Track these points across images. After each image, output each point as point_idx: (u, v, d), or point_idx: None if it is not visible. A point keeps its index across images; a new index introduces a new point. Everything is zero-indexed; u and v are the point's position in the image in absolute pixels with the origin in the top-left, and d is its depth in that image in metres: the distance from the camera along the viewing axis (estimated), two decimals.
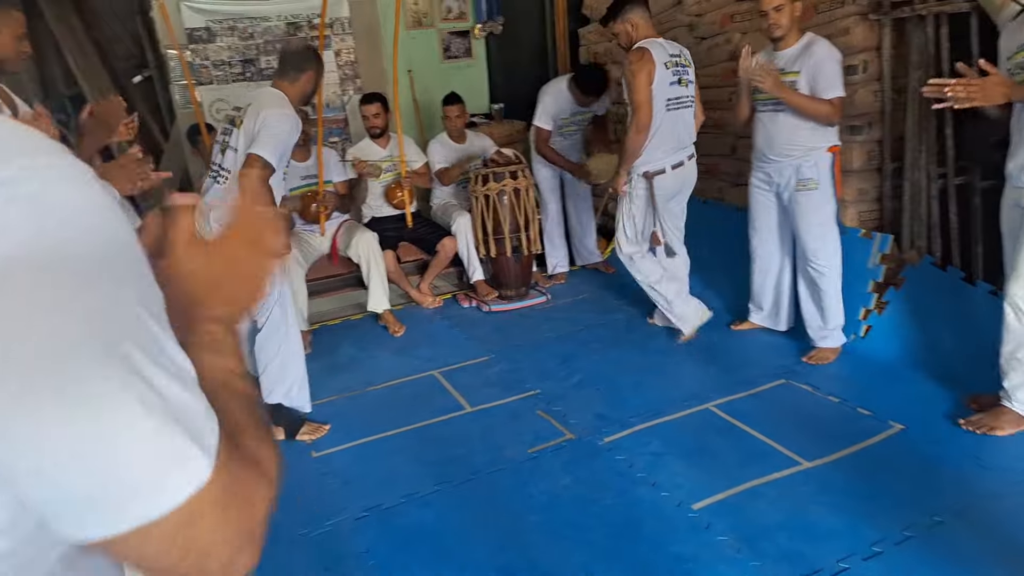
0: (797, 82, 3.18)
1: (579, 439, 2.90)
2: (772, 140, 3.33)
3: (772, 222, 3.53)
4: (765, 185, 3.48)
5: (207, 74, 5.15)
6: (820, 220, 3.29)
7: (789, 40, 3.22)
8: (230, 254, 0.71)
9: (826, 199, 3.28)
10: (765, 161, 3.41)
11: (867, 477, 2.48)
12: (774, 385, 3.22)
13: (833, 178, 3.27)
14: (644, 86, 3.40)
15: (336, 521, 2.51)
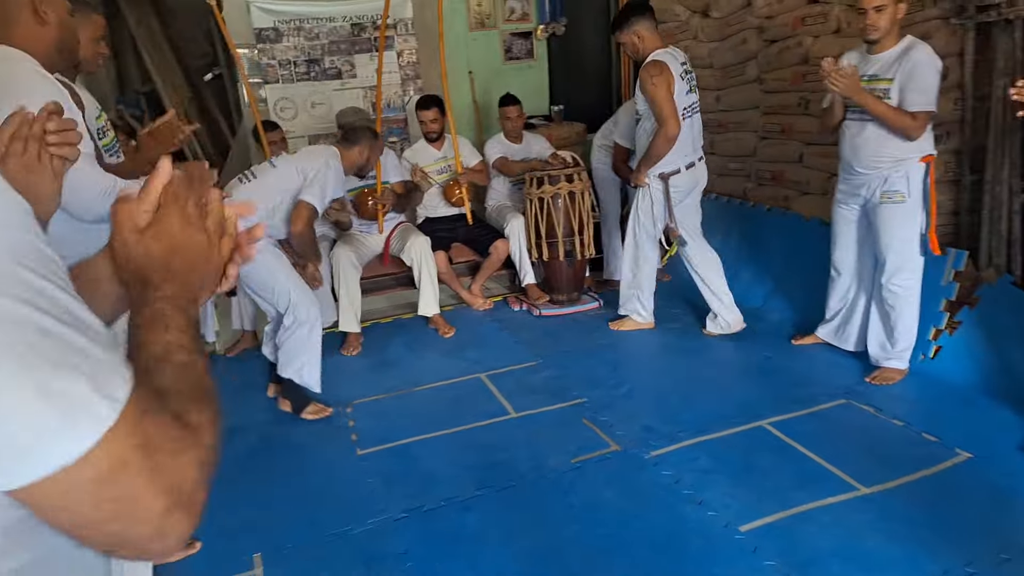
0: (889, 90, 2.94)
1: (625, 451, 2.82)
2: (858, 151, 3.10)
3: (856, 237, 3.32)
4: (850, 199, 3.26)
5: (273, 73, 5.24)
6: (904, 236, 3.06)
7: (886, 43, 2.96)
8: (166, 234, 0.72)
9: (913, 214, 3.04)
10: (851, 174, 3.19)
11: (929, 507, 2.34)
12: (834, 405, 3.07)
13: (925, 191, 3.02)
14: (669, 99, 3.50)
15: (377, 520, 2.50)
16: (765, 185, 4.58)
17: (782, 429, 2.89)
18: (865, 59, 3.06)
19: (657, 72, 3.47)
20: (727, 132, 4.90)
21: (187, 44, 7.30)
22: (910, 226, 3.06)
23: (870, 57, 3.03)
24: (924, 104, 2.88)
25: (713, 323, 3.88)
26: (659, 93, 3.48)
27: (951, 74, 3.25)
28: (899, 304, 3.15)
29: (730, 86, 4.81)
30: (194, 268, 0.73)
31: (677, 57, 3.61)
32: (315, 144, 5.17)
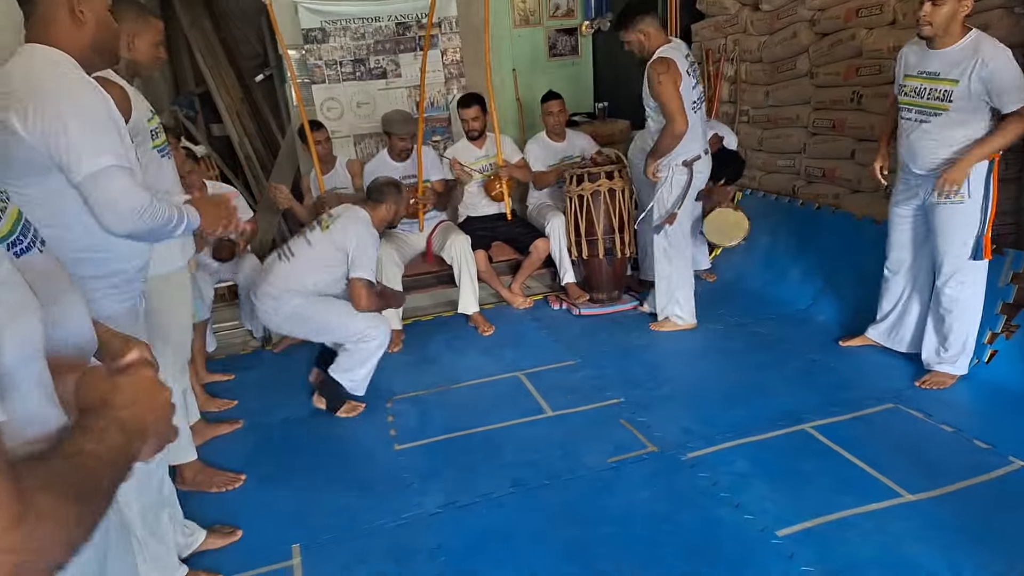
0: (952, 92, 2.78)
1: (661, 452, 2.78)
2: (916, 153, 2.96)
3: (910, 238, 3.21)
4: (908, 199, 3.14)
5: (320, 73, 5.31)
6: (962, 238, 2.92)
7: (948, 39, 2.76)
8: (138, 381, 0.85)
9: (974, 215, 2.88)
10: (909, 174, 3.07)
11: (977, 516, 2.24)
12: (881, 409, 2.98)
13: (988, 191, 2.86)
14: (676, 96, 3.51)
15: (411, 515, 2.52)
16: (815, 182, 4.47)
17: (825, 433, 2.81)
18: (924, 53, 2.88)
19: (664, 69, 3.48)
20: (776, 128, 4.79)
21: (239, 46, 7.45)
22: (969, 228, 2.91)
23: (930, 52, 2.85)
24: (1021, 100, 2.68)
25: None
26: (666, 90, 3.50)
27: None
28: (956, 308, 3.02)
29: (779, 81, 4.70)
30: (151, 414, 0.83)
31: (681, 50, 3.62)
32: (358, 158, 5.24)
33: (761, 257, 4.60)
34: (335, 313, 3.23)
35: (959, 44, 2.76)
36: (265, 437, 3.21)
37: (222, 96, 7.28)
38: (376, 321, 3.26)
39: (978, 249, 2.92)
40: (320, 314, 3.23)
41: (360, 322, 3.22)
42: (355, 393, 3.33)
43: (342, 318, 3.23)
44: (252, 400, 3.55)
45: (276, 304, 3.23)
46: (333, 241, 3.24)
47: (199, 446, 2.85)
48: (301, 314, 3.22)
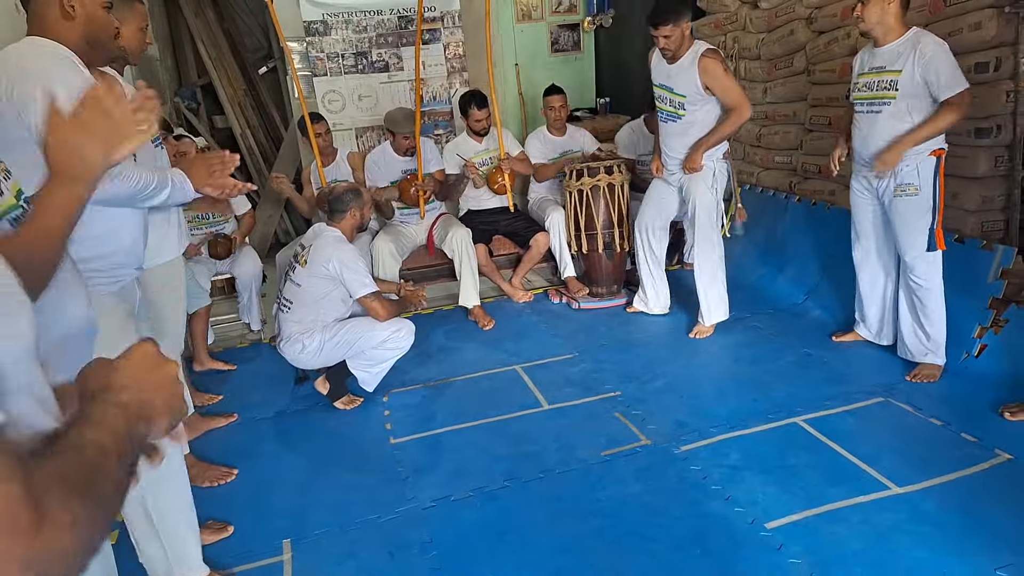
0: (897, 80, 2.96)
1: (655, 445, 2.83)
2: (869, 143, 3.12)
3: (875, 229, 3.32)
4: (866, 190, 3.28)
5: (322, 66, 5.34)
6: (920, 229, 3.05)
7: (890, 36, 2.99)
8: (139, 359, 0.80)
9: (926, 207, 3.03)
10: (864, 164, 3.20)
11: (964, 508, 2.29)
12: (872, 403, 3.02)
13: (936, 185, 3.01)
14: (735, 81, 3.54)
15: (405, 509, 2.56)
16: (811, 179, 4.50)
17: (817, 426, 2.86)
18: (872, 53, 3.10)
19: (723, 59, 3.56)
20: (774, 124, 4.82)
21: (243, 38, 7.47)
22: (925, 219, 3.04)
23: (876, 51, 3.07)
24: (955, 87, 2.86)
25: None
26: (731, 80, 3.57)
27: (1003, 65, 3.15)
28: (925, 298, 3.12)
29: (777, 78, 4.73)
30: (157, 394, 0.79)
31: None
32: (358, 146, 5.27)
33: (758, 252, 4.64)
34: (359, 331, 3.24)
35: (900, 39, 2.98)
36: (259, 431, 3.26)
37: (225, 88, 7.31)
38: (399, 324, 3.29)
39: (931, 241, 3.04)
40: (346, 337, 3.23)
41: (384, 330, 3.25)
42: (365, 387, 3.37)
43: (367, 332, 3.23)
44: (247, 394, 3.60)
45: (302, 347, 3.24)
46: (315, 273, 3.22)
47: (192, 440, 2.90)
48: (329, 345, 3.23)
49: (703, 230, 3.74)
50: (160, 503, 2.03)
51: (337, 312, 3.31)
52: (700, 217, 3.73)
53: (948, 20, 3.30)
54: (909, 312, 3.24)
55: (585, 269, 4.55)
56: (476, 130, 4.61)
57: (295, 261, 3.34)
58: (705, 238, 3.75)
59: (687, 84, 3.57)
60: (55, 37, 1.81)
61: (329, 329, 3.24)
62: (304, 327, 3.24)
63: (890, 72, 2.99)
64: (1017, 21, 3.11)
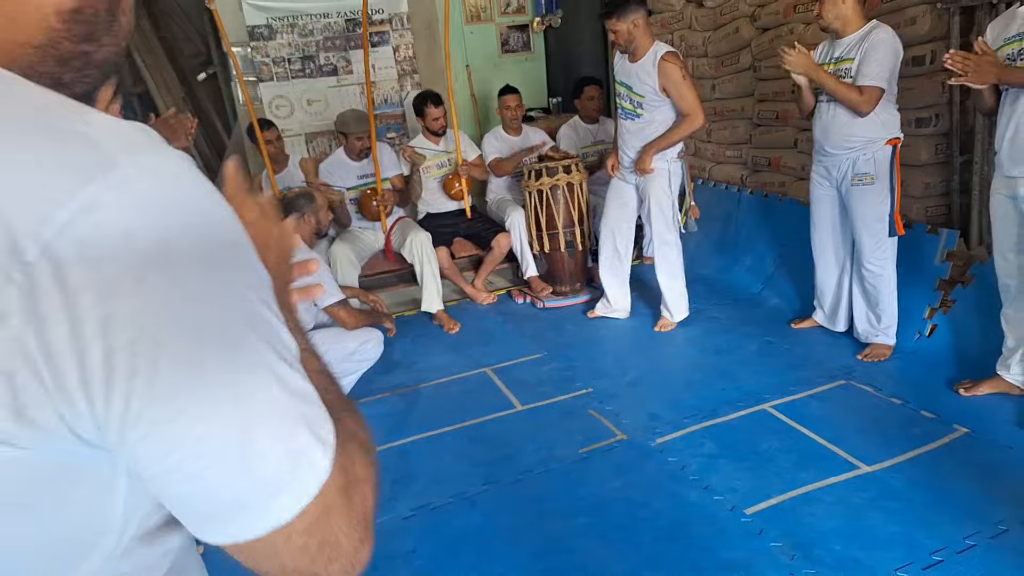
0: (851, 68, 3.07)
1: (631, 440, 2.88)
2: (828, 132, 3.22)
3: (832, 218, 3.44)
4: (824, 180, 3.38)
5: (268, 71, 5.26)
6: (876, 216, 3.18)
7: (849, 28, 3.10)
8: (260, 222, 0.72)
9: (883, 195, 3.15)
10: (823, 154, 3.31)
11: (929, 483, 2.40)
12: (834, 386, 3.14)
13: (892, 174, 3.13)
14: (695, 89, 3.59)
15: (384, 520, 2.53)
16: (762, 171, 4.63)
17: (785, 411, 2.96)
18: (833, 44, 3.21)
19: (681, 62, 3.58)
20: (723, 120, 4.95)
21: (180, 44, 7.29)
22: (881, 208, 3.16)
23: (836, 41, 3.18)
24: (873, 79, 2.99)
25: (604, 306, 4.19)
26: (688, 85, 3.59)
27: (938, 58, 3.29)
28: (878, 283, 3.25)
29: (725, 75, 4.85)
30: (281, 263, 0.73)
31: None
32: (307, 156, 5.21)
33: (714, 245, 4.75)
34: (326, 343, 3.15)
35: (859, 31, 3.09)
36: None
37: (162, 96, 7.12)
38: (367, 335, 3.27)
39: (891, 226, 3.17)
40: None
41: (352, 341, 3.22)
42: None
43: (334, 344, 3.19)
44: None
45: None
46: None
47: None
48: None
49: (659, 229, 3.81)
50: None
51: (306, 324, 3.26)
52: (656, 217, 3.79)
53: (885, 16, 3.44)
54: (862, 297, 3.38)
55: (548, 268, 4.59)
56: (434, 129, 4.60)
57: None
58: (662, 238, 3.82)
59: (645, 85, 3.63)
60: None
61: None
62: None
63: (846, 61, 3.10)
64: (948, 16, 3.27)
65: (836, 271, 3.54)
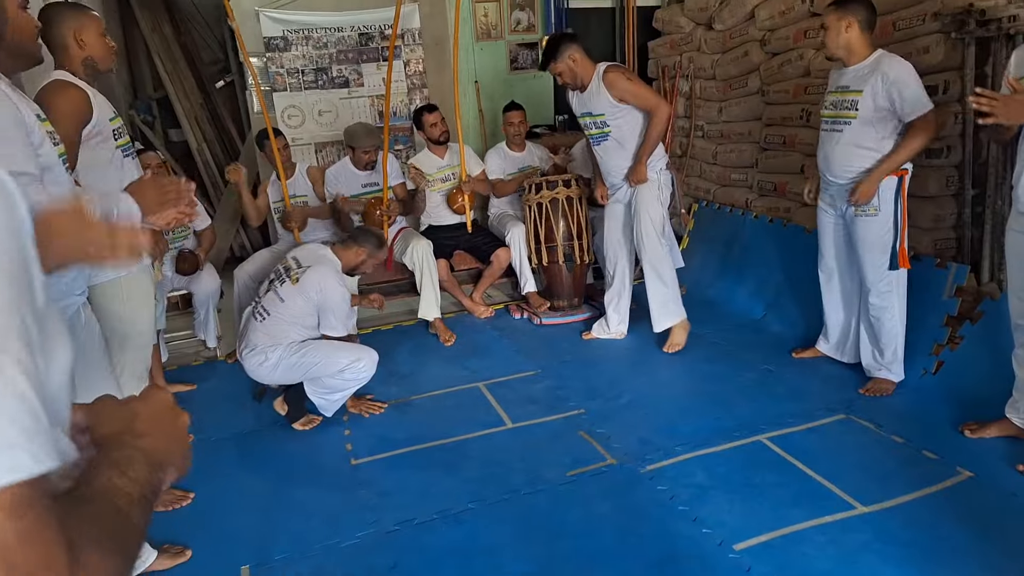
0: (858, 101, 3.00)
1: (620, 465, 2.80)
2: (830, 160, 3.16)
3: (839, 247, 3.35)
4: (830, 208, 3.31)
5: (282, 81, 5.27)
6: (879, 248, 3.09)
7: (855, 58, 3.03)
8: (155, 406, 0.78)
9: (887, 227, 3.07)
10: (827, 183, 3.25)
11: (928, 527, 2.31)
12: (833, 420, 3.05)
13: (898, 205, 3.04)
14: (646, 85, 3.71)
15: (367, 533, 2.48)
16: (767, 196, 4.57)
17: (780, 444, 2.87)
18: (840, 72, 3.14)
19: (627, 73, 3.68)
20: (729, 143, 4.90)
21: (200, 51, 7.35)
22: (885, 239, 3.08)
23: (844, 70, 3.10)
24: (921, 109, 2.91)
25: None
26: (637, 84, 3.65)
27: (951, 88, 3.24)
28: (882, 316, 3.16)
29: (732, 98, 4.80)
30: (171, 443, 0.77)
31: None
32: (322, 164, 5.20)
33: (716, 269, 4.68)
34: (318, 356, 3.15)
35: (865, 61, 3.01)
36: (216, 452, 3.13)
37: (181, 101, 7.16)
38: (359, 354, 3.19)
39: (894, 260, 3.08)
40: (304, 360, 3.14)
41: (344, 358, 3.15)
42: (323, 412, 3.27)
43: (326, 359, 3.14)
44: (203, 413, 3.46)
45: (264, 359, 3.16)
46: (305, 295, 3.17)
47: None
48: (286, 363, 3.15)
49: (651, 239, 3.77)
50: None
51: (305, 335, 3.23)
52: (647, 227, 3.76)
53: (897, 44, 3.39)
54: (866, 330, 3.29)
55: (546, 282, 4.53)
56: (434, 137, 4.58)
57: (286, 275, 3.26)
58: (653, 247, 3.78)
59: (601, 102, 3.67)
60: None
61: (291, 348, 3.17)
62: (272, 340, 3.17)
63: (852, 92, 3.03)
64: (963, 46, 3.21)
65: (843, 301, 3.45)
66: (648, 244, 3.78)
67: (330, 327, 3.23)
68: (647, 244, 3.79)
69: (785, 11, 4.20)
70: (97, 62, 2.41)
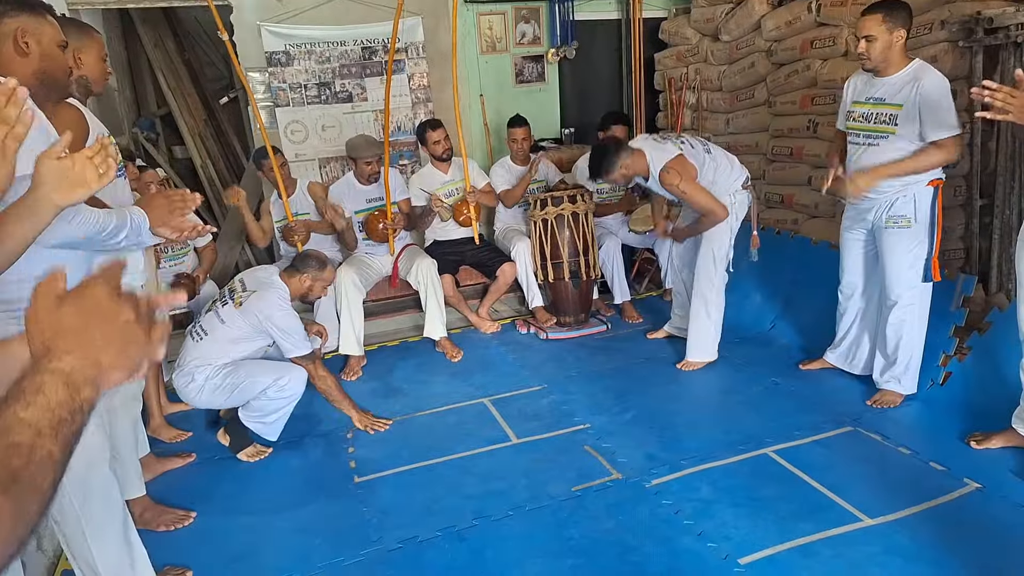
0: (898, 115, 2.90)
1: (626, 480, 2.78)
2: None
3: (864, 263, 3.27)
4: (856, 223, 3.22)
5: (284, 96, 5.29)
6: (909, 262, 3.02)
7: (891, 69, 2.92)
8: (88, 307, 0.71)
9: (920, 239, 2.99)
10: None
11: (935, 539, 2.28)
12: (840, 432, 3.02)
13: (934, 216, 2.96)
14: (702, 190, 3.51)
15: (370, 551, 2.46)
16: (775, 208, 4.55)
17: (786, 457, 2.84)
18: (871, 81, 3.01)
19: (676, 179, 3.46)
20: (737, 155, 4.85)
21: (203, 67, 7.40)
22: (914, 251, 3.01)
23: (876, 80, 2.98)
24: (948, 131, 2.81)
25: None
26: (691, 191, 3.49)
27: (959, 97, 3.21)
28: (903, 329, 3.11)
29: (739, 109, 4.80)
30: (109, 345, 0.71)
31: (657, 140, 3.67)
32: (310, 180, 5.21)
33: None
34: (240, 377, 3.10)
35: (902, 72, 2.90)
36: (218, 472, 3.12)
37: (185, 118, 7.21)
38: (282, 372, 3.11)
39: (927, 271, 3.02)
40: (226, 381, 3.09)
41: (266, 377, 3.08)
42: (266, 438, 3.20)
43: (248, 380, 3.09)
44: (205, 433, 3.46)
45: (191, 379, 3.11)
46: (247, 318, 3.12)
47: (148, 481, 2.77)
48: (210, 386, 3.10)
49: (707, 271, 3.68)
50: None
51: (236, 357, 3.18)
52: (706, 259, 3.66)
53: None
54: (880, 342, 3.23)
55: (552, 298, 4.52)
56: (437, 154, 4.58)
57: (229, 297, 3.22)
58: (708, 279, 3.68)
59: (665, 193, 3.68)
60: (7, 75, 1.76)
61: (217, 369, 3.11)
62: (201, 361, 3.12)
63: (890, 106, 2.92)
64: (970, 55, 3.20)
65: (862, 317, 3.39)
66: (703, 275, 3.69)
67: (292, 350, 3.17)
68: (702, 275, 3.70)
69: (791, 21, 4.19)
70: (91, 83, 2.43)
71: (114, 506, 2.01)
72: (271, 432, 3.20)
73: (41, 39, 1.82)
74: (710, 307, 3.72)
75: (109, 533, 1.98)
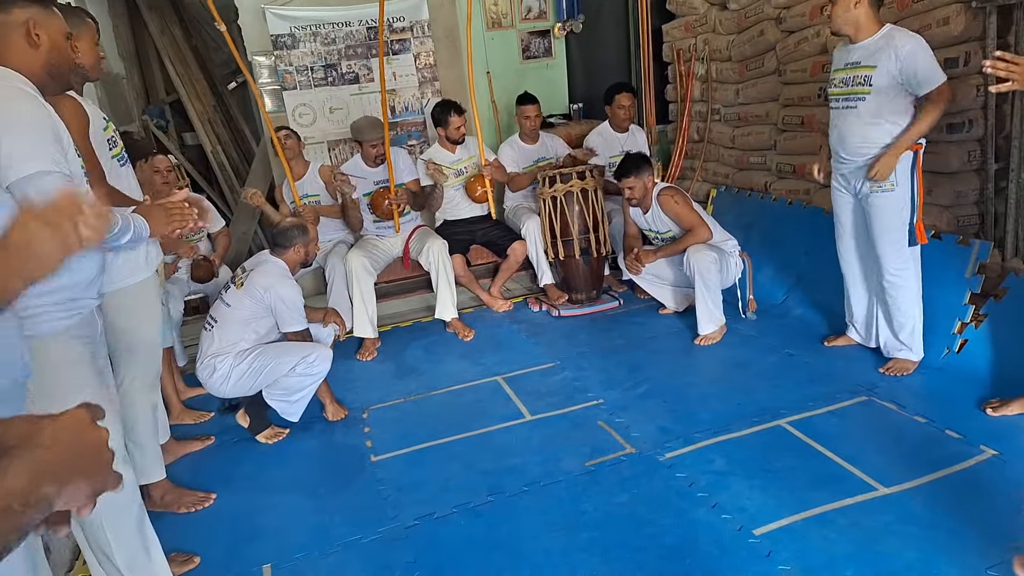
0: (872, 76, 2.94)
1: (639, 453, 2.79)
2: (844, 138, 3.10)
3: (855, 227, 3.30)
4: (844, 188, 3.26)
5: (291, 79, 5.27)
6: (895, 225, 3.04)
7: (864, 33, 2.97)
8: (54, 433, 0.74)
9: (903, 203, 3.01)
10: (840, 161, 3.19)
11: (951, 507, 2.27)
12: (855, 402, 3.01)
13: (913, 180, 2.99)
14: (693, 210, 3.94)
15: (387, 528, 2.50)
16: (786, 178, 4.51)
17: (801, 428, 2.84)
18: (848, 49, 3.07)
19: (673, 199, 3.90)
20: (747, 125, 4.83)
21: (211, 53, 7.39)
22: (901, 215, 3.03)
23: (851, 47, 3.04)
24: (935, 81, 2.84)
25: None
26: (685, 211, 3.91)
27: (972, 59, 3.16)
28: (898, 294, 3.11)
29: (749, 79, 4.74)
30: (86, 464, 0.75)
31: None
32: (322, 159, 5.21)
33: None
34: (267, 358, 3.13)
35: (875, 36, 2.96)
36: (236, 453, 3.17)
37: (194, 104, 7.22)
38: (309, 350, 3.15)
39: (912, 235, 3.03)
40: (254, 365, 3.12)
41: (294, 356, 3.12)
42: (288, 419, 3.24)
43: (275, 359, 3.12)
44: (223, 415, 3.50)
45: (213, 370, 3.14)
46: (251, 295, 3.16)
47: (169, 464, 2.81)
48: (237, 372, 3.13)
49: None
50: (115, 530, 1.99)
51: (254, 340, 3.21)
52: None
53: (916, 16, 3.32)
54: (882, 310, 3.24)
55: (563, 276, 4.51)
56: (455, 139, 4.57)
57: (231, 282, 3.27)
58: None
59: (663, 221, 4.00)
60: (16, 63, 1.79)
61: (240, 356, 3.14)
62: (219, 348, 3.15)
63: (865, 68, 2.97)
64: (984, 16, 3.13)
65: (863, 281, 3.38)
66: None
67: (288, 323, 3.20)
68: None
69: None
70: (88, 71, 2.41)
71: (130, 495, 2.05)
72: (294, 412, 3.23)
73: (50, 31, 1.84)
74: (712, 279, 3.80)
75: (124, 522, 2.01)
